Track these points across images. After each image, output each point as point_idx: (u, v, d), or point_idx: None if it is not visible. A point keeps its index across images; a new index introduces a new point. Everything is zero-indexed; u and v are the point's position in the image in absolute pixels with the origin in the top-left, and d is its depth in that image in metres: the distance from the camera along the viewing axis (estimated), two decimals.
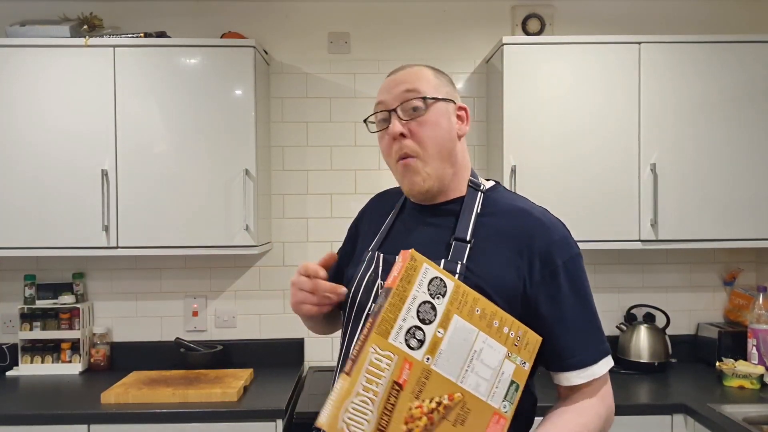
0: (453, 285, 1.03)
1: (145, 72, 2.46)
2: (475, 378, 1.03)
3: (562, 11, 2.86)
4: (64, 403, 2.28)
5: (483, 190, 1.22)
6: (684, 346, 2.78)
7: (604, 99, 2.49)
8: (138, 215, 2.45)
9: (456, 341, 1.02)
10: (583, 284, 1.15)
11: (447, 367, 1.02)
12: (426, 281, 1.01)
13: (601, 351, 1.14)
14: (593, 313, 1.16)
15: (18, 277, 2.75)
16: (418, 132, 1.16)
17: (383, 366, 0.98)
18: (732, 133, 2.50)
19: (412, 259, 1.01)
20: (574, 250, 1.15)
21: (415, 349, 1.00)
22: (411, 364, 0.99)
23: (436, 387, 1.01)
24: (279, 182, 2.85)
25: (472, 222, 1.16)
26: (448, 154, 1.19)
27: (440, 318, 1.02)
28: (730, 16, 2.86)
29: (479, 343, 1.04)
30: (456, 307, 1.03)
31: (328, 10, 2.85)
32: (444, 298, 1.02)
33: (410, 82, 1.17)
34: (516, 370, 1.06)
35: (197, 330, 2.82)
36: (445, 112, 1.19)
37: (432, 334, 1.01)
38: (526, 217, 1.16)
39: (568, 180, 2.49)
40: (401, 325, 0.99)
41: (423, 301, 1.01)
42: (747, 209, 2.50)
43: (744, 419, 2.04)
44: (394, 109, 1.17)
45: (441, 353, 1.01)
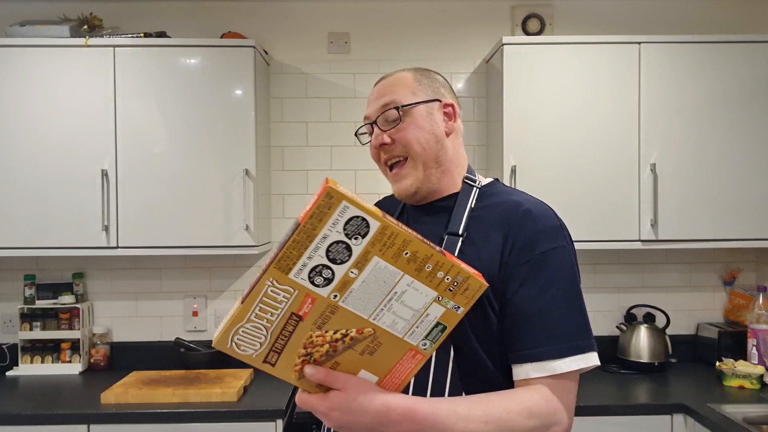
0: (378, 226, 0.95)
1: (145, 72, 2.46)
2: (392, 317, 1.00)
3: (562, 11, 2.86)
4: (64, 403, 2.29)
5: (479, 186, 1.23)
6: (684, 346, 2.78)
7: (604, 99, 2.49)
8: (138, 215, 2.45)
9: (372, 282, 0.97)
10: (563, 277, 1.09)
11: (358, 305, 0.98)
12: (343, 220, 0.93)
13: (572, 346, 1.05)
14: (569, 307, 1.08)
15: (18, 277, 2.75)
16: (398, 138, 1.19)
17: (280, 299, 0.96)
18: (732, 133, 2.50)
19: (328, 196, 0.92)
20: (560, 242, 1.12)
21: (320, 287, 0.96)
22: (314, 300, 0.96)
23: (344, 321, 0.98)
24: (279, 182, 2.84)
25: (465, 216, 1.18)
26: (434, 155, 1.20)
27: (355, 259, 0.95)
28: (730, 16, 2.86)
29: (402, 286, 0.98)
30: (378, 249, 0.96)
31: (328, 10, 2.85)
32: (364, 239, 0.94)
33: (388, 94, 1.22)
34: (445, 312, 1.01)
35: (197, 330, 2.82)
36: (426, 114, 1.21)
37: (343, 273, 0.96)
38: (517, 207, 1.15)
39: (568, 180, 2.49)
40: (305, 263, 0.94)
41: (335, 241, 0.94)
42: (747, 209, 2.50)
43: (744, 419, 2.04)
44: (374, 121, 1.22)
45: (352, 292, 0.97)
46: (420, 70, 1.27)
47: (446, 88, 1.27)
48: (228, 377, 2.46)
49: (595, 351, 1.08)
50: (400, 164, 1.21)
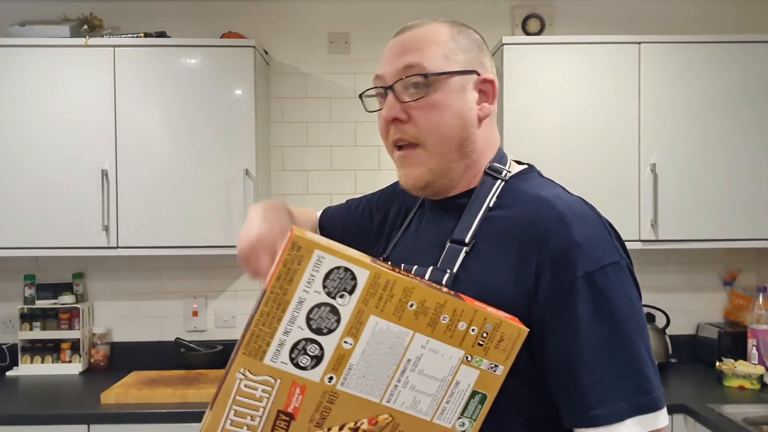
0: (368, 274, 0.74)
1: (145, 72, 2.46)
2: (411, 394, 0.78)
3: (562, 11, 2.85)
4: (64, 403, 2.29)
5: (504, 178, 0.96)
6: (684, 346, 2.78)
7: (604, 99, 2.49)
8: (138, 215, 2.45)
9: (375, 351, 0.76)
10: (620, 306, 0.82)
11: (363, 385, 0.77)
12: (320, 276, 0.74)
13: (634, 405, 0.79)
14: (630, 349, 0.80)
15: (18, 277, 2.75)
16: (417, 118, 0.91)
17: (258, 395, 0.76)
18: (732, 133, 2.50)
19: (295, 247, 0.73)
20: (607, 257, 0.84)
21: (308, 369, 0.75)
22: (303, 388, 0.76)
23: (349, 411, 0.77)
24: (279, 182, 2.84)
25: (477, 218, 0.90)
26: (458, 145, 0.93)
27: (347, 323, 0.75)
28: (729, 16, 2.86)
29: (415, 350, 0.77)
30: (373, 306, 0.75)
31: (328, 10, 2.85)
32: (352, 295, 0.74)
33: (414, 52, 0.94)
34: (481, 376, 0.78)
35: (197, 330, 2.82)
36: (459, 89, 0.92)
37: (335, 346, 0.75)
38: (543, 209, 0.87)
39: (567, 180, 2.44)
40: (282, 340, 0.75)
41: (316, 305, 0.74)
42: (747, 209, 2.50)
43: (744, 419, 2.04)
44: (391, 86, 0.93)
45: (351, 369, 0.76)
46: (457, 25, 1.01)
47: (486, 54, 1.00)
48: None
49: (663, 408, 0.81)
50: (410, 147, 0.94)
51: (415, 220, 1.06)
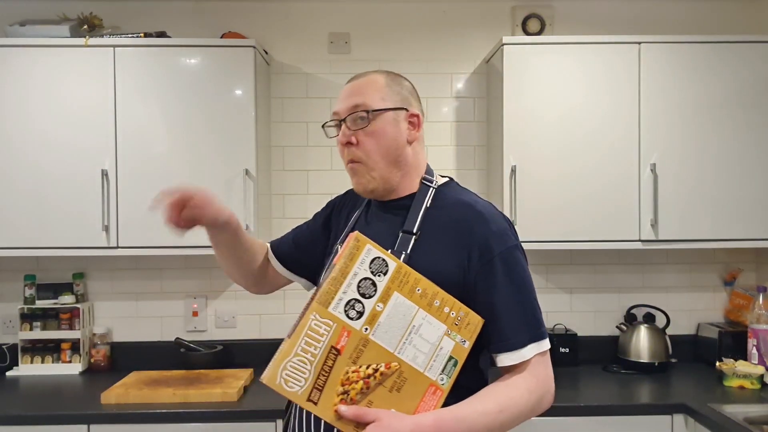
0: (395, 265, 1.14)
1: (145, 72, 2.46)
2: (413, 350, 1.13)
3: (562, 11, 2.86)
4: (64, 404, 2.29)
5: (435, 186, 1.32)
6: (684, 346, 2.78)
7: (604, 99, 2.49)
8: (138, 215, 2.45)
9: (395, 315, 1.12)
10: (519, 274, 1.23)
11: (385, 338, 1.12)
12: (368, 260, 1.12)
13: (532, 336, 1.20)
14: (528, 301, 1.23)
15: (18, 277, 2.75)
16: (363, 141, 1.27)
17: (322, 332, 1.09)
18: (732, 133, 2.50)
19: (356, 240, 1.13)
20: (511, 241, 1.24)
21: (354, 320, 1.11)
22: (349, 333, 1.10)
23: (374, 355, 1.11)
24: (279, 182, 2.84)
25: (420, 215, 1.27)
26: (394, 160, 1.29)
27: (380, 293, 1.12)
28: (730, 16, 2.86)
29: (418, 319, 1.14)
30: (397, 285, 1.13)
31: (328, 10, 2.85)
32: (385, 276, 1.13)
33: (359, 95, 1.28)
34: (455, 347, 1.16)
35: (197, 330, 2.82)
36: (392, 120, 1.29)
37: (371, 307, 1.12)
38: (468, 210, 1.26)
39: (568, 180, 2.49)
40: (341, 297, 1.11)
41: (364, 278, 1.12)
42: (747, 209, 2.50)
43: (744, 419, 2.04)
44: (343, 119, 1.29)
45: (380, 325, 1.12)
46: (391, 75, 1.33)
47: (414, 96, 1.35)
48: (228, 377, 2.46)
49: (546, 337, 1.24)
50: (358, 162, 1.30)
51: (362, 217, 1.41)
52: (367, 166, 1.29)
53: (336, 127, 1.32)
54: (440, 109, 2.84)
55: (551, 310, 2.80)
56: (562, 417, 2.19)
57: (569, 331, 2.71)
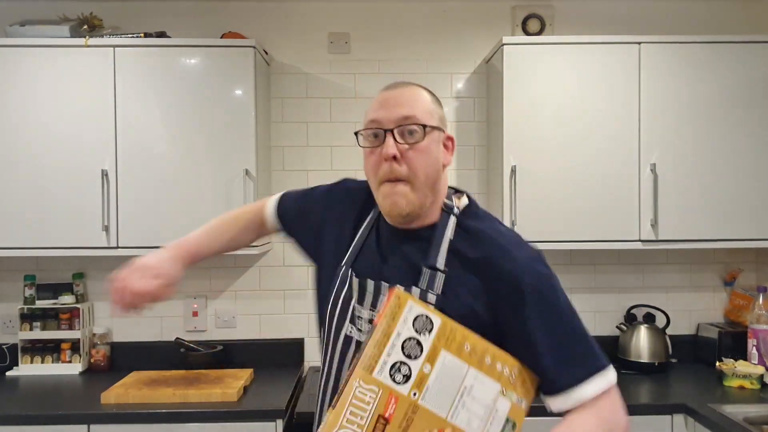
0: (440, 321, 1.06)
1: (145, 72, 2.46)
2: (467, 414, 1.04)
3: (562, 11, 2.85)
4: (64, 404, 2.29)
5: (456, 213, 1.20)
6: (684, 346, 2.78)
7: (604, 99, 2.49)
8: (138, 215, 2.45)
9: (445, 376, 1.04)
10: (557, 304, 1.11)
11: (435, 402, 1.03)
12: (411, 318, 1.05)
13: (588, 371, 1.08)
14: (574, 332, 1.11)
15: (18, 277, 2.75)
16: (412, 158, 1.14)
17: (368, 399, 1.01)
18: (732, 133, 2.50)
19: (397, 297, 1.05)
20: (542, 271, 1.12)
21: (401, 384, 1.02)
22: (397, 399, 1.01)
23: (425, 422, 1.02)
24: (279, 182, 2.84)
25: (445, 249, 1.15)
26: (433, 183, 1.17)
27: (427, 353, 1.04)
28: (730, 16, 2.86)
29: (470, 379, 1.05)
30: (444, 343, 1.05)
31: (328, 10, 2.85)
32: (430, 334, 1.05)
33: (409, 107, 1.15)
34: (512, 407, 1.07)
35: (197, 330, 2.82)
36: (437, 140, 1.18)
37: (418, 369, 1.03)
38: (492, 243, 1.14)
39: (568, 180, 2.49)
40: (386, 360, 1.02)
41: (408, 338, 1.04)
42: (747, 209, 2.50)
43: (744, 419, 2.04)
44: (390, 130, 1.14)
45: (429, 388, 1.03)
46: (434, 95, 1.23)
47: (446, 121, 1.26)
48: (228, 377, 2.46)
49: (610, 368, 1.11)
50: (399, 182, 1.14)
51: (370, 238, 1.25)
52: (412, 185, 1.14)
53: (374, 138, 1.17)
54: None
55: None
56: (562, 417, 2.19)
57: None
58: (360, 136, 1.19)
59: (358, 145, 1.20)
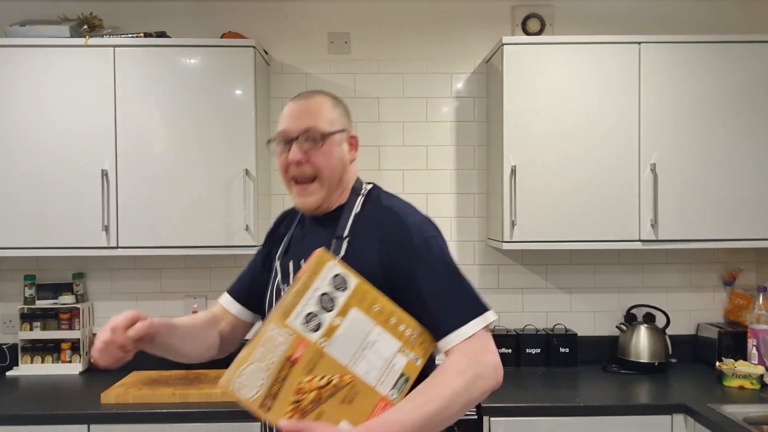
0: (356, 282, 1.19)
1: (145, 72, 2.46)
2: (366, 365, 1.16)
3: (562, 11, 2.86)
4: (64, 403, 2.29)
5: (363, 194, 1.40)
6: (684, 346, 2.78)
7: (604, 99, 2.49)
8: (138, 215, 2.45)
9: (352, 330, 1.16)
10: (441, 259, 1.27)
11: (340, 351, 1.15)
12: (330, 276, 1.17)
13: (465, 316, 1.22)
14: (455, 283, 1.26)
15: (18, 277, 2.75)
16: (315, 160, 1.33)
17: (279, 341, 1.13)
18: (732, 133, 2.50)
19: (320, 257, 1.18)
20: (428, 233, 1.29)
21: (311, 331, 1.15)
22: (306, 345, 1.14)
23: (328, 367, 1.14)
24: (279, 182, 2.82)
25: (350, 221, 1.34)
26: (338, 179, 1.37)
27: (339, 308, 1.17)
28: (730, 16, 2.86)
29: (374, 335, 1.18)
30: (355, 302, 1.17)
31: (328, 10, 2.85)
32: (345, 292, 1.17)
33: (310, 117, 1.34)
34: (408, 363, 1.19)
35: None
36: (339, 142, 1.37)
37: (329, 320, 1.16)
38: (388, 211, 1.33)
39: (568, 180, 2.49)
40: (301, 310, 1.15)
41: (324, 293, 1.16)
42: (747, 209, 2.50)
43: (744, 419, 2.04)
44: (295, 138, 1.34)
45: (336, 338, 1.16)
46: (336, 99, 1.42)
47: (350, 119, 1.44)
48: None
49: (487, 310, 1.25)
50: (306, 182, 1.35)
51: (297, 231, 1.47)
52: (320, 182, 1.34)
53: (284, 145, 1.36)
54: (440, 109, 2.83)
55: (551, 310, 2.80)
56: (562, 417, 2.19)
57: (569, 331, 2.71)
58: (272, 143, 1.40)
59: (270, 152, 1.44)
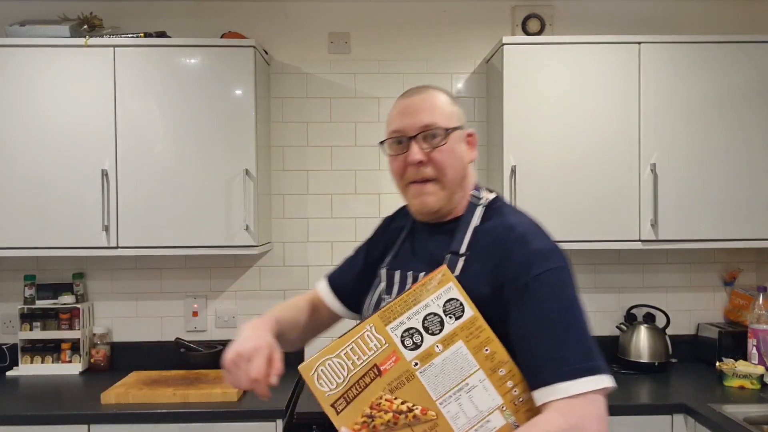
0: (472, 314, 1.07)
1: (145, 72, 2.46)
2: (457, 408, 1.04)
3: (562, 11, 2.85)
4: (64, 403, 2.29)
5: (483, 204, 1.25)
6: (684, 346, 2.78)
7: (604, 99, 2.49)
8: (138, 215, 2.45)
9: (452, 364, 1.05)
10: (560, 298, 1.09)
11: (433, 382, 1.04)
12: (445, 297, 1.07)
13: (572, 370, 1.03)
14: (570, 328, 1.08)
15: (18, 277, 2.75)
16: (437, 159, 1.20)
17: (371, 345, 1.04)
18: (732, 133, 2.50)
19: (441, 273, 1.08)
20: (553, 263, 1.11)
21: (407, 348, 1.05)
22: (398, 359, 1.04)
23: (414, 394, 1.04)
24: (279, 182, 2.84)
25: (468, 236, 1.20)
26: (460, 180, 1.24)
27: (445, 335, 1.06)
28: (729, 16, 2.86)
29: (475, 380, 1.05)
30: (464, 335, 1.06)
31: (328, 10, 2.85)
32: (456, 321, 1.06)
33: (429, 113, 1.21)
34: (504, 426, 1.05)
35: (197, 330, 2.82)
36: (459, 139, 1.24)
37: (430, 344, 1.05)
38: (510, 231, 1.16)
39: (568, 180, 2.49)
40: (403, 321, 1.05)
41: (433, 312, 1.06)
42: (747, 209, 2.50)
43: (744, 419, 2.04)
44: (414, 137, 1.20)
45: (431, 366, 1.05)
46: (450, 94, 1.28)
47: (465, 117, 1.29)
48: None
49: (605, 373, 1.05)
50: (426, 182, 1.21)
51: (407, 239, 1.34)
52: (441, 183, 1.21)
53: (398, 146, 1.23)
54: None
55: None
56: None
57: None
58: (385, 145, 1.26)
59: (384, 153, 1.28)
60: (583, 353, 1.05)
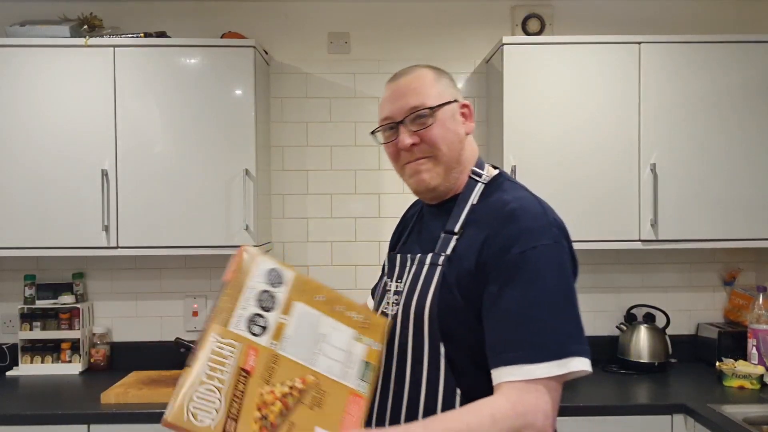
0: (292, 274, 1.10)
1: (145, 72, 2.46)
2: (326, 360, 1.07)
3: (562, 11, 2.85)
4: (64, 403, 2.29)
5: (483, 182, 1.23)
6: (684, 346, 2.78)
7: (604, 99, 2.49)
8: (138, 215, 2.45)
9: (301, 326, 1.07)
10: (538, 277, 1.04)
11: (295, 351, 1.05)
12: (263, 272, 1.08)
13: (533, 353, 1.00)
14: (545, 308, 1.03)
15: (18, 277, 2.75)
16: (428, 136, 1.17)
17: (226, 353, 1.00)
18: (732, 133, 2.50)
19: (246, 253, 1.09)
20: (540, 241, 1.06)
21: (258, 336, 1.03)
22: (257, 351, 1.02)
23: (287, 371, 1.03)
24: (279, 182, 2.84)
25: (464, 214, 1.18)
26: (456, 155, 1.21)
27: (282, 306, 1.07)
28: (729, 16, 2.86)
29: (325, 327, 1.09)
30: (297, 295, 1.08)
31: (328, 10, 2.85)
32: (283, 287, 1.08)
33: (413, 95, 1.18)
34: (367, 350, 1.10)
35: (197, 330, 2.82)
36: (451, 113, 1.21)
37: (275, 320, 1.05)
38: (503, 207, 1.13)
39: (568, 180, 2.49)
40: (241, 314, 1.03)
41: (262, 290, 1.06)
42: (747, 209, 2.50)
43: (744, 419, 2.04)
44: (401, 122, 1.19)
45: (287, 338, 1.05)
46: (436, 70, 1.24)
47: (457, 88, 1.27)
48: None
49: (580, 356, 1.02)
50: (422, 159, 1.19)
51: (416, 224, 1.34)
52: (435, 159, 1.18)
53: (390, 132, 1.22)
54: None
55: None
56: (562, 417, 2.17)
57: None
58: (377, 134, 1.25)
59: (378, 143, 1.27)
60: (551, 337, 1.01)
